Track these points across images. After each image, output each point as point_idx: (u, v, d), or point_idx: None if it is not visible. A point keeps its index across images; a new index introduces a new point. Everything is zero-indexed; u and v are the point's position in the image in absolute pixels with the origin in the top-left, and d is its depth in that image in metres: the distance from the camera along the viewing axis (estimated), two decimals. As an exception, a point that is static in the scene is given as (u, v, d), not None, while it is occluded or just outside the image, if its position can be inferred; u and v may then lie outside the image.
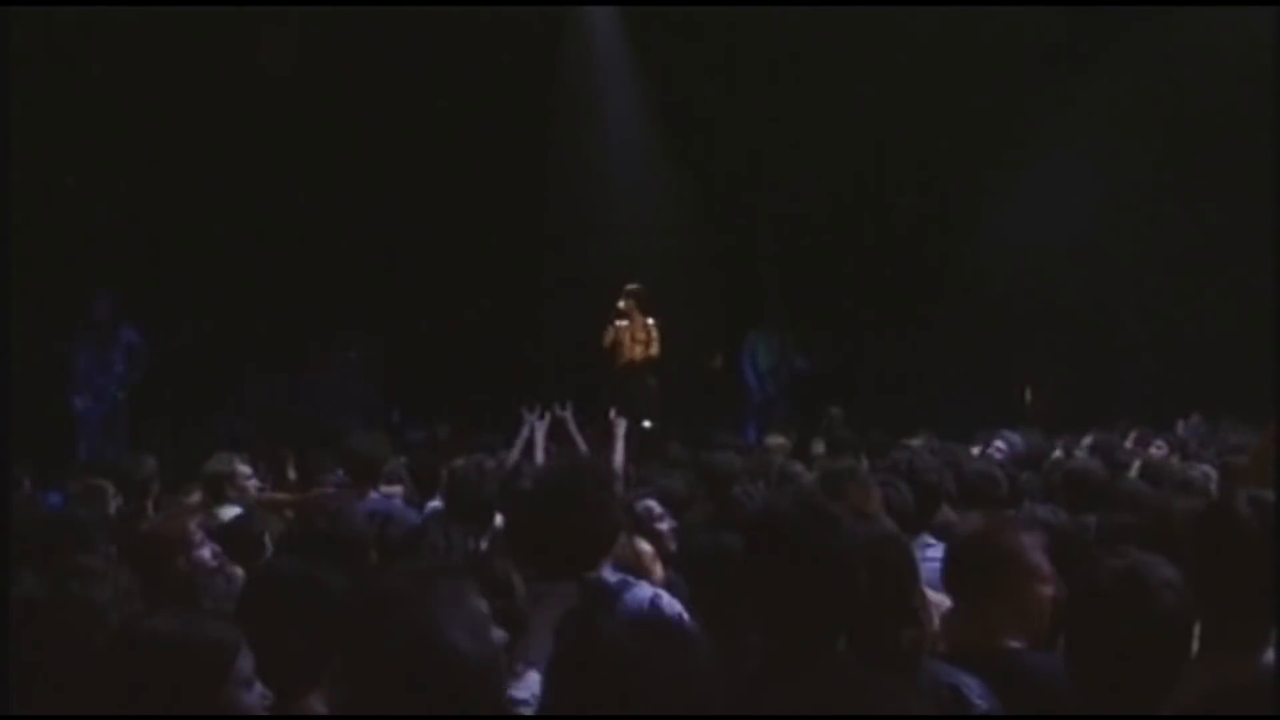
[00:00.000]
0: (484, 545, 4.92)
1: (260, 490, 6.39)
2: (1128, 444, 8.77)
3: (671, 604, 3.22)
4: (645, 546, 4.14)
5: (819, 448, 8.88)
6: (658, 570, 3.96)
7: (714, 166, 13.90)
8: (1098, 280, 12.48)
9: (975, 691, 2.70)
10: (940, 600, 3.29)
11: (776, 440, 9.28)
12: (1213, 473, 6.11)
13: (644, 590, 3.26)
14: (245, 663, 2.45)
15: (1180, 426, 10.12)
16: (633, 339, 11.67)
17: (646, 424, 10.78)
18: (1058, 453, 8.05)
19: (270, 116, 11.97)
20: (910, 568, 2.87)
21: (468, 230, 13.01)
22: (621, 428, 6.59)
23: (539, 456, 6.63)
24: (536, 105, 13.38)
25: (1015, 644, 2.96)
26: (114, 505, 6.03)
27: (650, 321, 11.77)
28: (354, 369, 13.01)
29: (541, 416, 6.83)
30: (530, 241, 13.64)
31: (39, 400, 9.89)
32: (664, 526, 4.81)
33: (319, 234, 12.42)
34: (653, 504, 4.94)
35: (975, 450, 7.57)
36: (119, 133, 11.20)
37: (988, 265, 12.68)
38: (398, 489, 6.35)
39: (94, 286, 10.61)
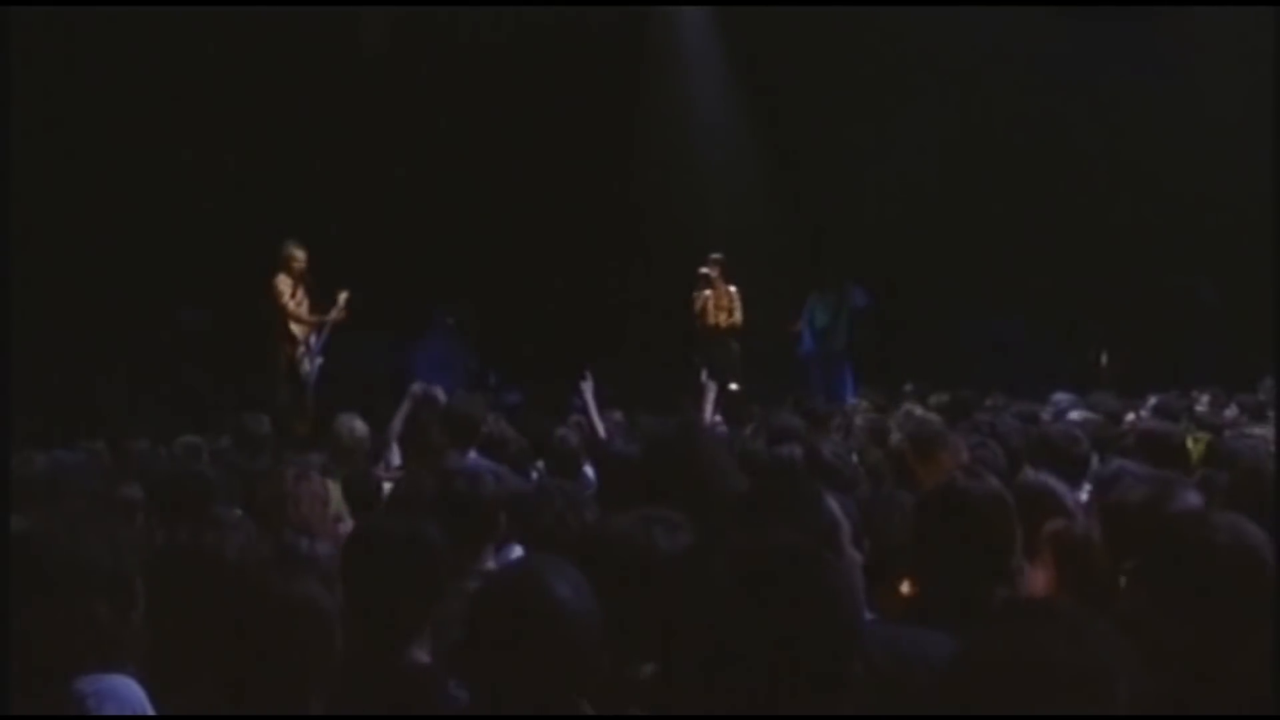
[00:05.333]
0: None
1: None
2: (1199, 407, 8.71)
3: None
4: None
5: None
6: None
7: (793, 138, 13.95)
8: (1172, 242, 12.40)
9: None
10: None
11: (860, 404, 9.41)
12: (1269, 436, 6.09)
13: None
14: None
15: (1263, 388, 9.98)
16: (716, 306, 12.16)
17: (733, 386, 10.99)
18: (1131, 415, 8.03)
19: (369, 96, 12.37)
20: (1012, 527, 2.90)
21: (560, 203, 13.42)
22: (712, 390, 6.75)
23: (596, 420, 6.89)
24: (625, 83, 13.80)
25: None
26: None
27: (733, 289, 12.26)
28: (453, 334, 13.40)
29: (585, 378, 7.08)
30: (619, 214, 13.94)
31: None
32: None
33: (418, 205, 12.88)
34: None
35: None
36: (232, 108, 11.59)
37: (1065, 230, 12.67)
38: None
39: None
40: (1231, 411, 8.62)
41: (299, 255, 10.39)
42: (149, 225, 11.45)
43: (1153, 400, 8.63)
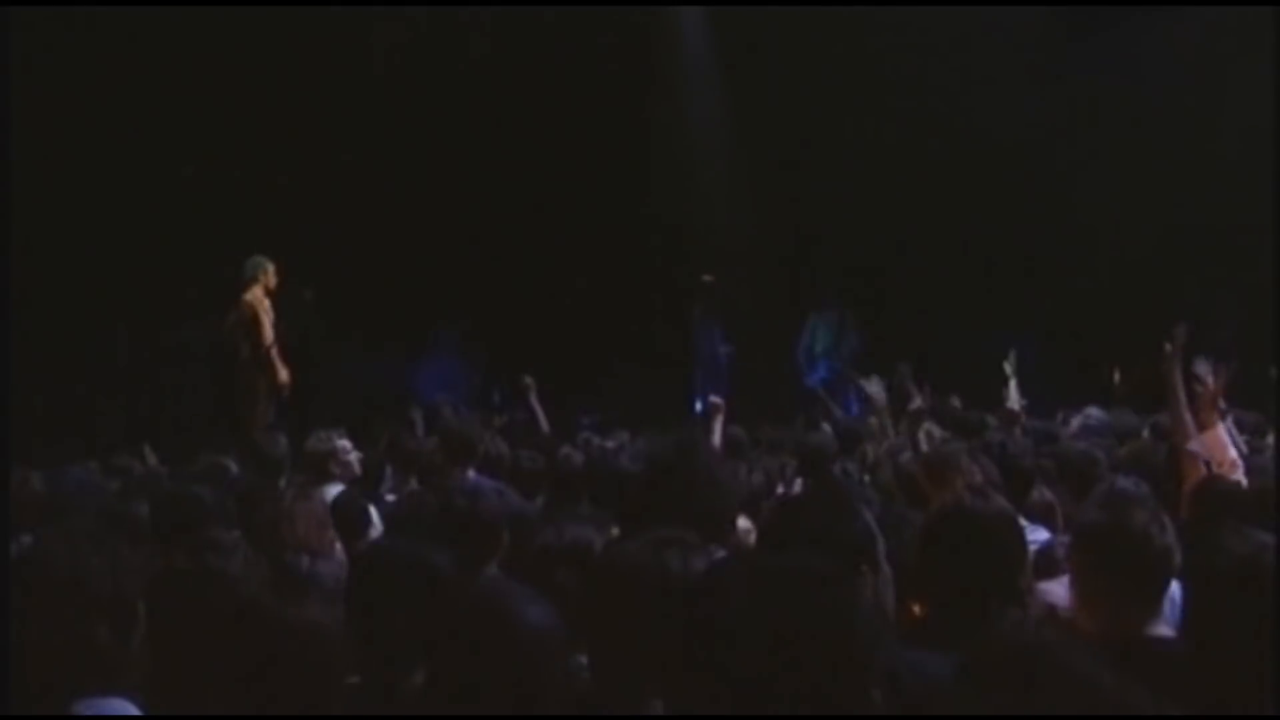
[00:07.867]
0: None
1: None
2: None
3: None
4: (744, 523, 4.21)
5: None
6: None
7: (790, 157, 13.86)
8: (1188, 262, 12.33)
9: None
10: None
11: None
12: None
13: None
14: None
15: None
16: (706, 326, 12.14)
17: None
18: (1146, 432, 7.99)
19: (378, 110, 12.45)
20: (1022, 547, 2.90)
21: (564, 219, 13.40)
22: (721, 411, 6.70)
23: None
24: (629, 101, 13.79)
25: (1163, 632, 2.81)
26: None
27: (718, 312, 12.40)
28: (455, 350, 13.36)
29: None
30: (625, 231, 13.89)
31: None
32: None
33: (420, 221, 12.82)
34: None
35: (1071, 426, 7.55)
36: (234, 122, 11.60)
37: (1075, 248, 12.63)
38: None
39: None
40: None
41: (271, 269, 10.03)
42: (148, 238, 11.37)
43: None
